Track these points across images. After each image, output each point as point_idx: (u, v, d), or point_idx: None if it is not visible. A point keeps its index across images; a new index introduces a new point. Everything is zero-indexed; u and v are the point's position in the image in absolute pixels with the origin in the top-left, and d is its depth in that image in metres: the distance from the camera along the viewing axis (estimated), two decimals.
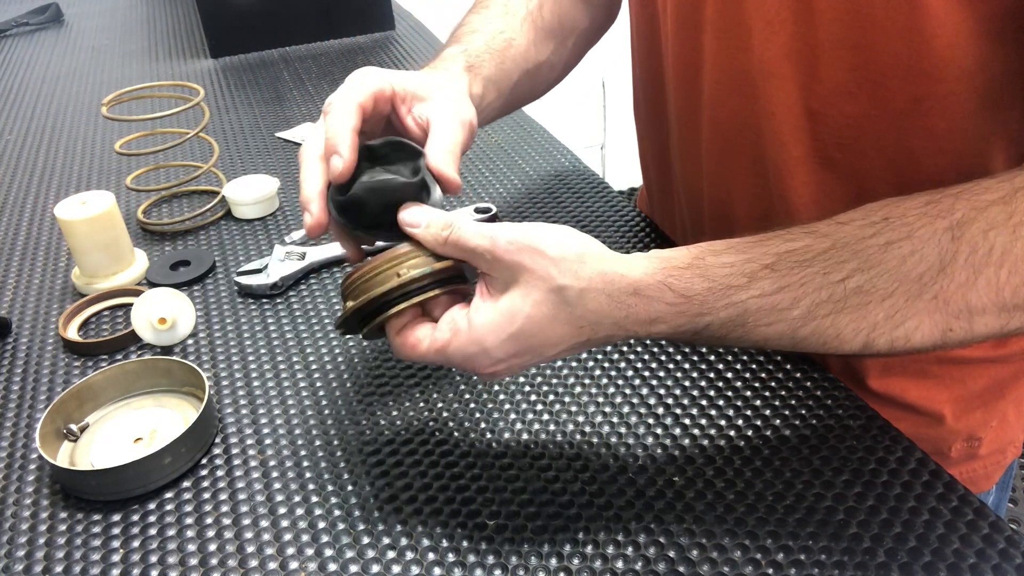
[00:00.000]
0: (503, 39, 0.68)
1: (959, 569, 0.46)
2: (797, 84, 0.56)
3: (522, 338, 0.44)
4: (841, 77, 0.54)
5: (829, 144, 0.57)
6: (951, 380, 0.65)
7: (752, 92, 0.59)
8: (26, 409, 0.63)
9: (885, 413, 0.56)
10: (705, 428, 0.57)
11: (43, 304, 0.76)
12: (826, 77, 0.55)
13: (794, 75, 0.56)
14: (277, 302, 0.74)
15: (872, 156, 0.56)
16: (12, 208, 0.96)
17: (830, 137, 0.57)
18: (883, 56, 0.52)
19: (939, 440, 0.67)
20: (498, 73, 0.66)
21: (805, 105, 0.57)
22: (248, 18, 1.39)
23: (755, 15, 0.56)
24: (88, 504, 0.54)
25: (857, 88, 0.54)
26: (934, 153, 0.54)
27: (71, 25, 1.72)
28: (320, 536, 0.51)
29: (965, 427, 0.67)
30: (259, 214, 0.88)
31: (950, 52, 0.49)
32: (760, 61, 0.57)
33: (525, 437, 0.57)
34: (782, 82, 0.57)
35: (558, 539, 0.49)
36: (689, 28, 0.63)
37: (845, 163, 0.57)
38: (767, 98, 0.58)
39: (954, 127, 0.53)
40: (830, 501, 0.50)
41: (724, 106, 0.62)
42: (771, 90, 0.58)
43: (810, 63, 0.55)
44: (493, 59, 0.66)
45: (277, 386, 0.63)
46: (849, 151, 0.57)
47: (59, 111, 1.24)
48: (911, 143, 0.54)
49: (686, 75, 0.66)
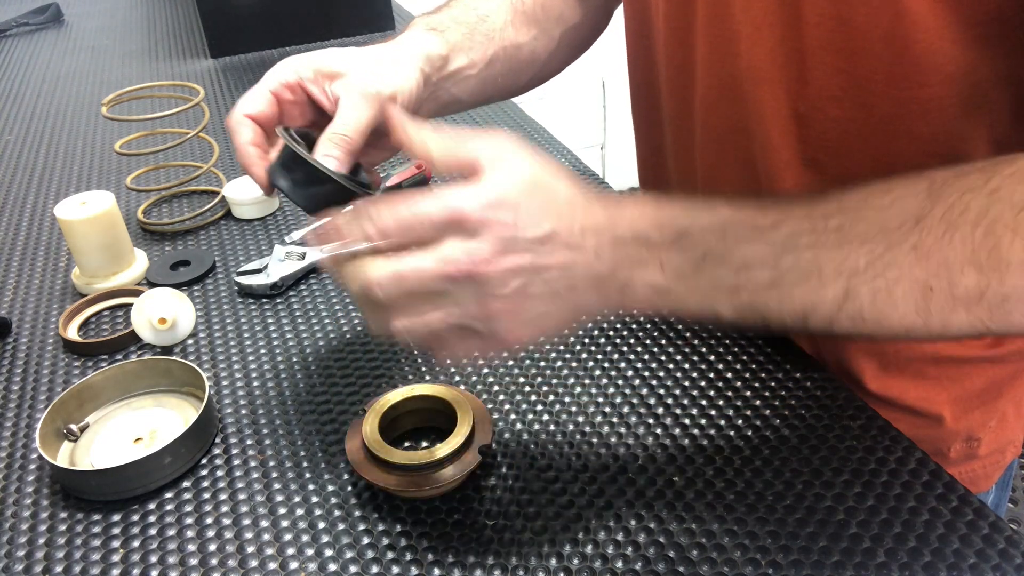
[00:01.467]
0: (476, 14, 0.68)
1: (959, 569, 0.46)
2: (785, 88, 0.57)
3: (523, 191, 0.42)
4: (827, 81, 0.54)
5: (816, 147, 0.58)
6: (949, 381, 0.65)
7: (742, 96, 0.59)
8: (26, 409, 0.63)
9: (883, 414, 0.57)
10: (705, 428, 0.57)
11: (43, 304, 0.76)
12: (812, 81, 0.55)
13: (782, 79, 0.56)
14: (277, 302, 0.74)
15: (858, 159, 0.56)
16: (12, 208, 0.96)
17: (817, 140, 0.57)
18: (867, 61, 0.52)
19: (938, 441, 0.67)
20: (467, 42, 0.65)
21: (793, 109, 0.57)
22: (248, 18, 1.39)
23: (743, 20, 0.57)
24: (88, 504, 0.54)
25: (842, 92, 0.54)
26: (919, 156, 0.54)
27: (71, 25, 1.72)
28: (320, 536, 0.51)
29: (964, 427, 0.67)
30: (259, 214, 0.88)
31: (933, 57, 0.49)
32: (748, 66, 0.58)
33: (525, 437, 0.57)
34: (770, 86, 0.57)
35: (558, 539, 0.49)
36: (681, 33, 0.63)
37: (832, 166, 0.58)
38: (756, 102, 0.59)
39: (938, 131, 0.53)
40: (830, 501, 0.50)
41: (715, 109, 0.63)
42: (760, 94, 0.58)
43: (797, 67, 0.55)
44: (460, 28, 0.65)
45: (277, 386, 0.63)
46: (835, 154, 0.57)
47: (59, 111, 1.24)
48: (896, 147, 0.54)
49: (679, 79, 0.66)
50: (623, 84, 0.82)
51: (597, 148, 2.74)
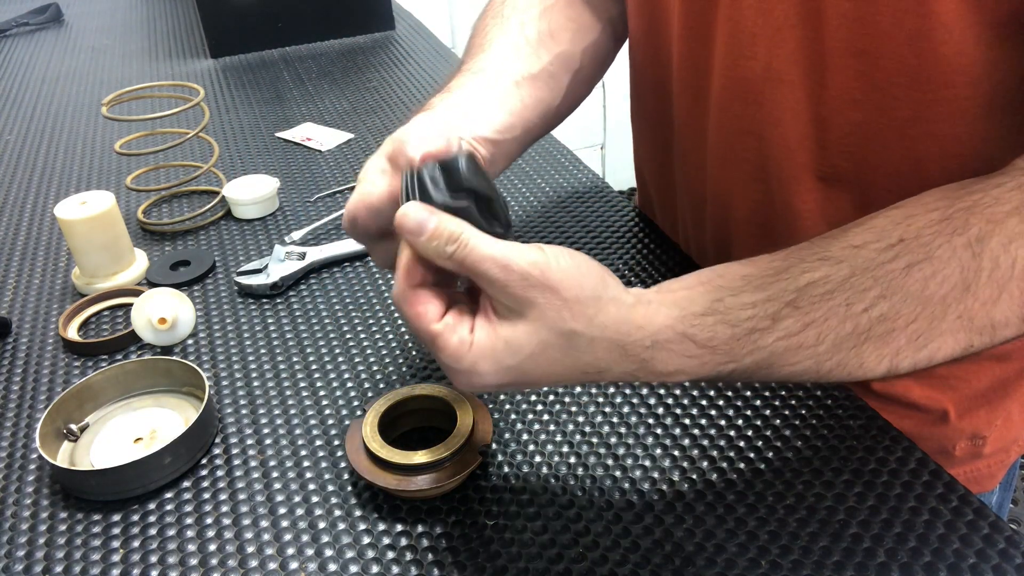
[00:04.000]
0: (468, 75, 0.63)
1: (959, 569, 0.46)
2: (804, 91, 0.56)
3: (519, 372, 0.42)
4: (847, 84, 0.54)
5: (834, 152, 0.57)
6: (955, 379, 0.65)
7: (759, 98, 0.59)
8: (26, 409, 0.63)
9: (889, 412, 0.56)
10: (705, 428, 0.57)
11: (43, 304, 0.76)
12: (832, 84, 0.54)
13: (802, 81, 0.56)
14: (277, 302, 0.74)
15: (877, 164, 0.56)
16: (12, 208, 0.95)
17: (835, 144, 0.57)
18: (889, 63, 0.51)
19: (943, 439, 0.67)
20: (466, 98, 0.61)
21: (812, 112, 0.57)
22: (248, 18, 1.39)
23: (763, 21, 0.56)
24: (88, 504, 0.54)
25: (863, 96, 0.54)
26: (941, 159, 0.53)
27: (71, 25, 1.72)
28: (320, 536, 0.51)
29: (969, 426, 0.67)
30: (259, 214, 0.88)
31: (958, 58, 0.49)
32: (767, 67, 0.57)
33: (525, 437, 0.57)
34: (790, 89, 0.57)
35: (558, 539, 0.49)
36: (698, 35, 0.63)
37: (850, 171, 0.57)
38: (773, 104, 0.58)
39: (961, 133, 0.52)
40: (830, 501, 0.50)
41: (730, 112, 0.62)
42: (778, 97, 0.58)
43: (817, 69, 0.55)
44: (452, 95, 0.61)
45: (277, 386, 0.63)
46: (854, 159, 0.57)
47: (59, 111, 1.24)
48: (917, 150, 0.54)
49: (693, 81, 0.65)
50: (623, 84, 0.81)
51: (597, 148, 2.74)
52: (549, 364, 0.42)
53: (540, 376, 0.42)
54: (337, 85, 1.24)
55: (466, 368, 0.42)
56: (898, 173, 0.55)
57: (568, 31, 0.69)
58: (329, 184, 0.95)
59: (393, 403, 0.55)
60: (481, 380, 0.42)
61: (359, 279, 0.76)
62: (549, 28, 0.68)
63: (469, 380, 0.42)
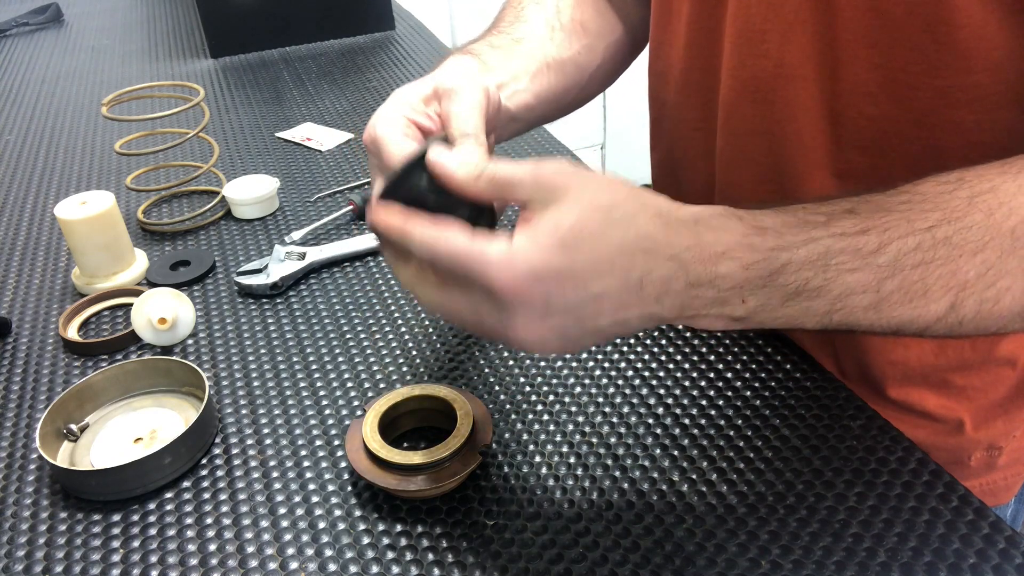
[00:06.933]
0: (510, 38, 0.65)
1: (959, 569, 0.46)
2: (818, 86, 0.55)
3: (566, 252, 0.38)
4: (862, 76, 0.53)
5: (849, 147, 0.56)
6: (972, 390, 0.64)
7: (770, 97, 0.58)
8: (26, 409, 0.63)
9: (903, 422, 0.55)
10: (705, 428, 0.56)
11: (43, 304, 0.76)
12: (847, 77, 0.54)
13: (816, 76, 0.55)
14: (277, 302, 0.74)
15: (895, 157, 0.55)
16: (12, 208, 0.95)
17: (851, 139, 0.56)
18: (905, 52, 0.50)
19: (958, 449, 0.66)
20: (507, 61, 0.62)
21: (826, 107, 0.56)
22: (248, 18, 1.39)
23: (772, 18, 0.56)
24: (88, 504, 0.54)
25: (879, 88, 0.53)
26: (962, 148, 0.52)
27: (71, 25, 1.72)
28: (320, 536, 0.51)
29: (985, 436, 0.66)
30: (259, 214, 0.88)
31: (977, 43, 0.48)
32: (778, 65, 0.56)
33: (525, 437, 0.57)
34: (804, 84, 0.56)
35: (558, 539, 0.49)
36: (706, 35, 0.62)
37: (866, 166, 0.56)
38: (785, 103, 0.57)
39: (983, 119, 0.51)
40: (831, 501, 0.50)
41: (739, 111, 0.61)
42: (790, 94, 0.57)
43: (831, 63, 0.54)
44: (496, 51, 0.63)
45: (277, 386, 0.63)
46: (870, 153, 0.56)
47: (59, 111, 1.24)
48: (937, 140, 0.53)
49: (701, 81, 0.65)
50: (623, 84, 0.81)
51: (597, 148, 2.74)
52: (593, 239, 0.38)
53: (589, 262, 0.38)
54: (337, 85, 1.24)
55: (507, 280, 0.38)
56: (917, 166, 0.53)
57: (596, 24, 0.70)
58: (329, 184, 0.95)
59: (393, 403, 0.55)
60: (533, 278, 0.38)
61: (359, 279, 0.76)
62: (581, 17, 0.69)
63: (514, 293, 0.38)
